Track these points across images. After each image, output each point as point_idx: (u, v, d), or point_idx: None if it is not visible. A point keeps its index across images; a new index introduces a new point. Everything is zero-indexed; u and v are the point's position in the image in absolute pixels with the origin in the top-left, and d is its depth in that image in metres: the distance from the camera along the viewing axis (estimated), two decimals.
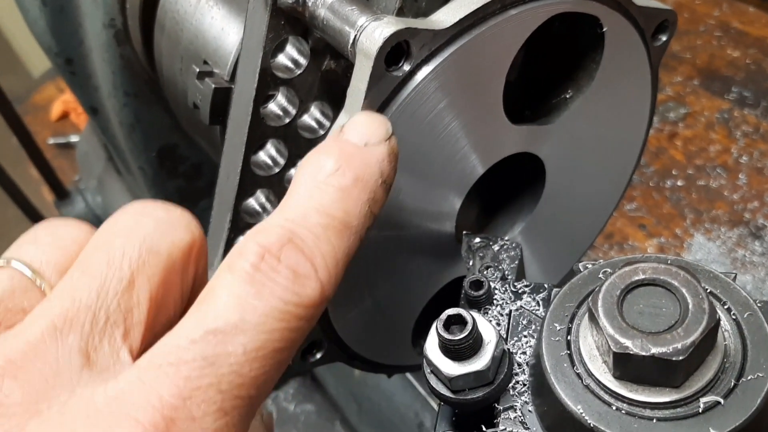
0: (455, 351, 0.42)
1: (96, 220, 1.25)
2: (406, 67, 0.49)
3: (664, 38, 0.61)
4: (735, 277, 0.43)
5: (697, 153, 1.39)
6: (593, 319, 0.37)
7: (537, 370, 0.41)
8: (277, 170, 0.58)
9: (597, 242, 1.28)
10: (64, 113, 1.83)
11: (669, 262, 0.40)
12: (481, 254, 0.57)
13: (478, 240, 0.58)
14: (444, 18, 0.49)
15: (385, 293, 0.61)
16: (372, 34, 0.47)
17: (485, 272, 0.54)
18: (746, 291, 0.40)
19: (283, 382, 1.18)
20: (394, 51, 0.47)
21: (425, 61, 0.50)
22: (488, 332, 0.43)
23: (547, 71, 0.61)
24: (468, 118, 0.54)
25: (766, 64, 1.50)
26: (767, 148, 1.37)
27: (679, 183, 1.35)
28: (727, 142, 1.39)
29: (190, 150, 0.92)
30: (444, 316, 0.42)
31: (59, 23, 0.85)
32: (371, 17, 0.48)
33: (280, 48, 0.54)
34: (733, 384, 0.36)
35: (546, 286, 0.50)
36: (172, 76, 0.74)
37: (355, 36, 0.48)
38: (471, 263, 0.57)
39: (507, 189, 0.68)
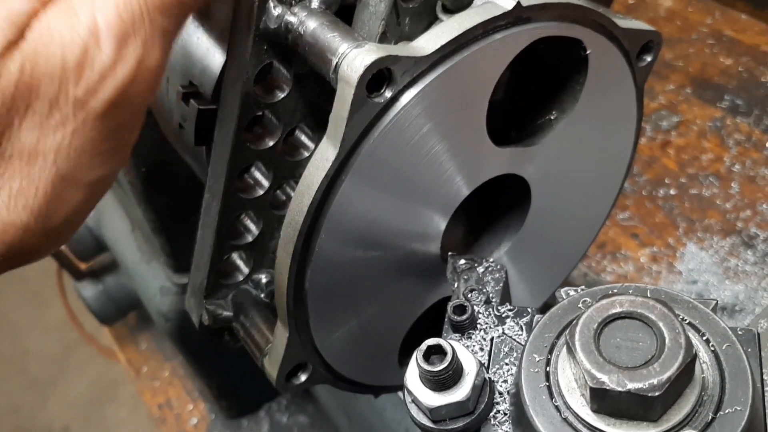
0: (435, 381, 0.42)
1: (88, 231, 1.25)
2: (388, 94, 0.49)
3: (648, 59, 0.61)
4: (716, 305, 0.43)
5: (690, 162, 1.39)
6: (571, 352, 0.37)
7: (517, 399, 0.41)
8: (261, 192, 0.58)
9: (590, 252, 1.28)
10: None
11: (648, 293, 0.40)
12: (465, 276, 0.57)
13: (463, 261, 0.58)
14: (426, 44, 0.49)
15: (370, 314, 0.61)
16: (353, 61, 0.47)
17: (469, 295, 0.54)
18: (725, 322, 0.40)
19: (275, 395, 1.18)
20: (376, 78, 0.47)
21: (408, 86, 0.50)
22: (469, 362, 0.43)
23: (532, 92, 0.61)
24: (452, 141, 0.54)
25: (758, 72, 1.50)
26: (759, 156, 1.37)
27: (672, 192, 1.35)
28: (720, 151, 1.39)
29: (179, 166, 0.92)
30: (424, 346, 0.42)
31: None
32: (353, 44, 0.48)
33: (263, 72, 0.54)
34: (710, 417, 0.37)
35: (529, 310, 0.50)
36: (158, 95, 0.74)
37: (337, 63, 0.48)
38: (456, 285, 0.57)
39: (494, 208, 0.68)
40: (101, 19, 0.43)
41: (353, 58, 0.47)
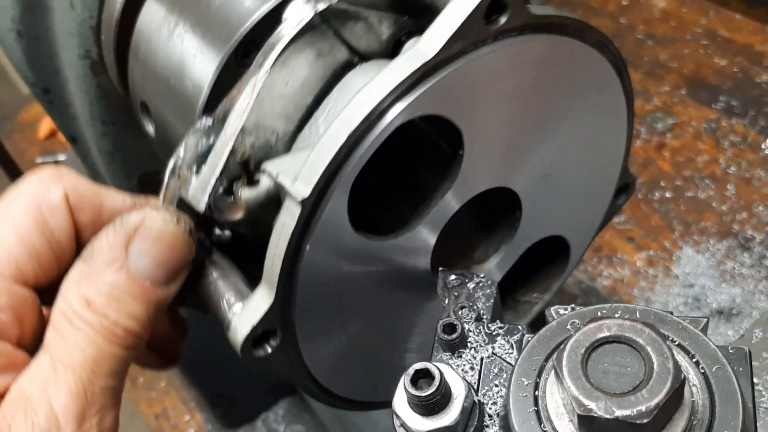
0: (423, 406, 0.41)
1: None
2: (273, 345, 0.54)
3: None
4: (707, 323, 0.43)
5: (685, 164, 1.38)
6: (558, 378, 0.36)
7: (506, 423, 0.41)
8: None
9: (585, 256, 1.27)
10: (52, 131, 1.82)
11: (637, 314, 0.40)
12: (456, 293, 0.56)
13: (453, 277, 0.58)
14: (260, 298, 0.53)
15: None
16: (233, 339, 0.52)
17: (460, 312, 0.54)
18: (715, 343, 0.39)
19: (272, 404, 1.18)
20: (258, 340, 0.53)
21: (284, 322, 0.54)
22: (457, 385, 0.42)
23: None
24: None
25: (753, 72, 1.49)
26: (755, 157, 1.36)
27: (668, 194, 1.34)
28: (715, 152, 1.39)
29: None
30: (411, 370, 0.41)
31: (35, 53, 0.84)
32: (228, 313, 0.53)
33: None
34: None
35: (519, 328, 0.50)
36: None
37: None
38: (446, 302, 0.57)
39: (487, 218, 0.67)
40: (57, 406, 0.45)
41: (232, 336, 0.53)
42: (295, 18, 0.54)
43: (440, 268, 0.59)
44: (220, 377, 1.15)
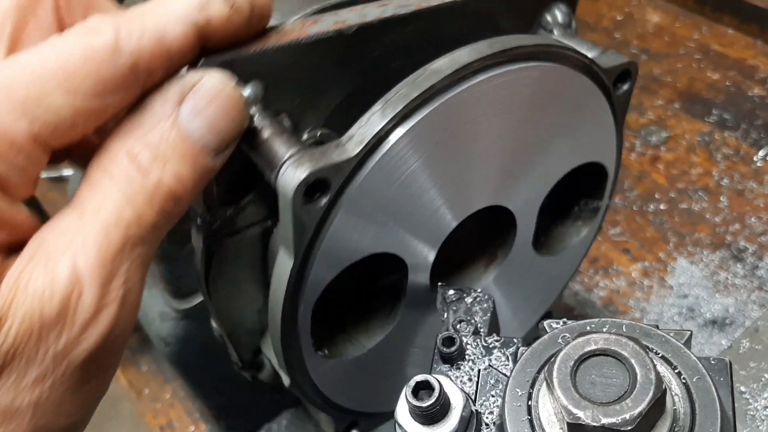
0: (424, 416, 0.44)
1: None
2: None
3: None
4: (690, 336, 0.46)
5: (679, 176, 1.41)
6: (549, 388, 0.39)
7: (502, 431, 0.43)
8: None
9: (582, 267, 1.30)
10: None
11: (624, 328, 0.43)
12: (454, 307, 0.59)
13: (452, 292, 0.60)
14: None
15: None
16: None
17: (458, 326, 0.56)
18: (696, 355, 0.42)
19: (275, 415, 1.20)
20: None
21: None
22: (456, 396, 0.45)
23: None
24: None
25: (745, 86, 1.53)
26: (747, 170, 1.39)
27: (662, 207, 1.37)
28: (708, 165, 1.42)
29: None
30: (412, 382, 0.44)
31: None
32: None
33: None
34: None
35: (515, 341, 0.52)
36: None
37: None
38: (445, 316, 0.59)
39: (482, 235, 0.70)
40: (83, 265, 0.40)
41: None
42: None
43: (439, 284, 0.62)
44: (224, 389, 1.17)
